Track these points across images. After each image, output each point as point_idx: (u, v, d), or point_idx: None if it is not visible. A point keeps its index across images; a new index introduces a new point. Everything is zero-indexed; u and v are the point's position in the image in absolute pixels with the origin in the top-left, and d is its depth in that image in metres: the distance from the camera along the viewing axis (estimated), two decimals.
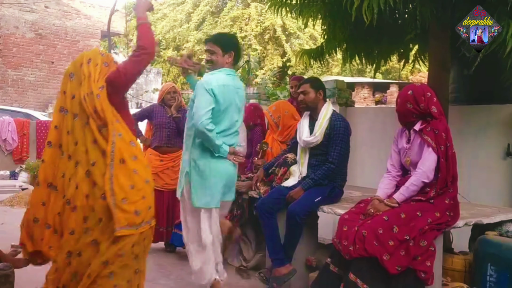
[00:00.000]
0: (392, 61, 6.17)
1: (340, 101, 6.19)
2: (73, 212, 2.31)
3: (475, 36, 3.51)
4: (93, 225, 2.30)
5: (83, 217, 2.30)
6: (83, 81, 2.38)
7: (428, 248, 2.71)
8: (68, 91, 2.42)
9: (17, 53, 14.61)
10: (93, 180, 2.31)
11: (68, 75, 2.44)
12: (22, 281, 3.34)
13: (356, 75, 19.23)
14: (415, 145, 3.00)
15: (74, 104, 2.39)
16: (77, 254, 2.29)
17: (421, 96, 2.95)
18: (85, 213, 2.30)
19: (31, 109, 13.33)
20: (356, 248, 2.73)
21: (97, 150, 2.35)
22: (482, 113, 4.96)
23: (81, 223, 2.29)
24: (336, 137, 3.50)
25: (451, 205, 2.90)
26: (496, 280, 2.98)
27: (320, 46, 5.83)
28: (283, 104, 4.44)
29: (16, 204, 6.77)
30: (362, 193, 4.09)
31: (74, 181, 2.33)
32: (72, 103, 2.39)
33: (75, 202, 2.31)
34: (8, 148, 10.03)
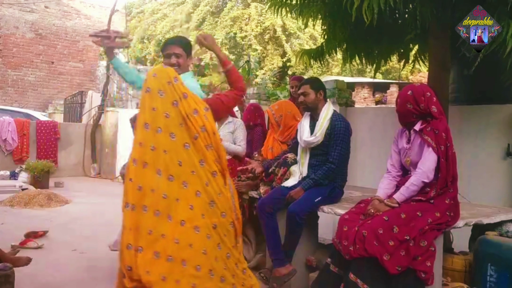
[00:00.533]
0: (392, 61, 6.17)
1: (340, 101, 6.20)
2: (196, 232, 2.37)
3: (475, 36, 3.51)
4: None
5: (206, 235, 2.40)
6: (179, 100, 2.40)
7: (428, 248, 2.71)
8: (160, 108, 2.40)
9: (17, 53, 14.62)
10: (208, 200, 2.42)
11: (157, 92, 2.43)
12: (22, 281, 3.34)
13: (356, 75, 19.23)
14: (415, 145, 3.00)
15: (171, 122, 2.40)
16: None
17: (421, 96, 2.95)
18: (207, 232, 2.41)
19: (31, 109, 13.34)
20: (356, 248, 2.73)
21: (206, 170, 2.43)
22: (482, 113, 4.96)
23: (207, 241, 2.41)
24: (337, 137, 3.50)
25: (451, 205, 2.90)
26: (496, 280, 2.98)
27: (320, 46, 5.83)
28: (285, 104, 4.41)
29: (16, 204, 6.76)
30: (362, 193, 4.09)
31: (186, 202, 2.36)
32: (167, 121, 2.39)
33: (194, 222, 2.37)
34: (8, 148, 10.03)
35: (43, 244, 4.60)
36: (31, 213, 6.39)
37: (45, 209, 6.72)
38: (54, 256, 4.31)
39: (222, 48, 17.62)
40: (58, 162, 10.55)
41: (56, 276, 3.71)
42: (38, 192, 7.26)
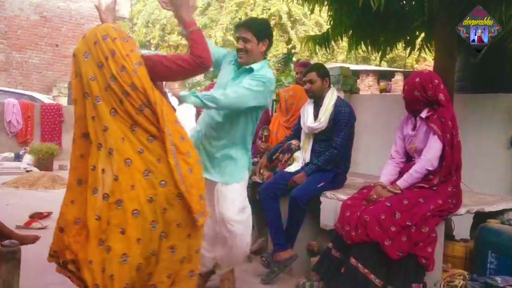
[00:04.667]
0: (398, 49, 6.14)
1: (344, 88, 6.19)
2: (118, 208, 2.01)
3: (475, 36, 3.50)
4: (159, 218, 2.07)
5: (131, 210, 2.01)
6: (106, 60, 2.09)
7: (429, 234, 2.73)
8: (84, 73, 2.13)
9: (22, 35, 14.57)
10: (142, 169, 2.06)
11: (82, 55, 2.14)
12: (28, 260, 3.38)
13: (362, 62, 19.13)
14: (421, 132, 3.00)
15: (94, 86, 2.10)
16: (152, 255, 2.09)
17: (428, 84, 2.94)
18: (134, 206, 2.02)
19: (36, 91, 13.34)
20: (358, 233, 2.75)
21: (140, 135, 2.10)
22: (487, 102, 4.95)
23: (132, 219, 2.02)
24: (341, 123, 3.50)
25: (453, 192, 2.92)
26: (497, 268, 3.00)
27: (326, 32, 5.81)
28: (300, 91, 4.21)
29: (20, 186, 6.81)
30: (365, 179, 4.10)
31: (111, 172, 2.04)
32: (92, 85, 2.10)
33: (118, 195, 2.02)
34: (13, 130, 10.06)
35: (47, 225, 4.64)
36: (35, 194, 6.44)
37: (50, 191, 6.77)
38: None
39: (227, 34, 17.55)
40: (62, 144, 10.57)
41: None
42: (42, 174, 7.31)
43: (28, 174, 7.46)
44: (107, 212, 2.02)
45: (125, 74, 2.08)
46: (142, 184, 2.05)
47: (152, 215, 2.06)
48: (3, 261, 2.14)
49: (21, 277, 2.41)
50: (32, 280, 3.17)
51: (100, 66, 2.11)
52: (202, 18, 18.97)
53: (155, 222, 2.06)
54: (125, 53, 2.12)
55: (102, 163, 2.06)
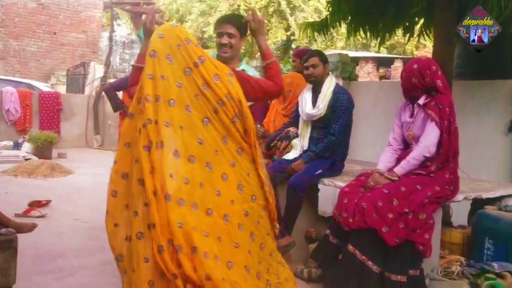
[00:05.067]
0: (397, 35, 6.10)
1: (343, 74, 6.15)
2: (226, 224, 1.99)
3: (475, 36, 3.48)
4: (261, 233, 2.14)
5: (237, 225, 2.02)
6: (195, 66, 2.03)
7: (427, 221, 2.73)
8: (167, 76, 2.00)
9: (19, 23, 14.48)
10: (236, 183, 2.05)
11: (165, 57, 2.02)
12: (25, 248, 3.40)
13: (361, 49, 19.04)
14: (419, 119, 2.99)
15: (182, 92, 2.00)
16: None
17: (426, 70, 2.92)
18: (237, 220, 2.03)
19: (34, 79, 13.28)
20: (356, 220, 2.75)
21: (231, 148, 2.07)
22: (486, 88, 4.93)
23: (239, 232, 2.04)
24: (339, 110, 3.49)
25: (451, 179, 2.92)
26: (494, 254, 3.01)
27: (325, 18, 5.75)
28: (298, 79, 4.21)
29: (19, 174, 6.82)
30: (363, 167, 4.10)
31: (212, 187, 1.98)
32: (178, 91, 2.00)
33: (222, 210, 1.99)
34: (11, 118, 10.05)
35: (46, 213, 4.66)
36: (34, 183, 6.45)
37: (49, 179, 6.78)
38: (57, 225, 4.36)
39: None
40: (61, 133, 10.57)
41: (58, 244, 3.77)
42: (41, 163, 7.31)
43: (27, 162, 7.46)
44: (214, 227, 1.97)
45: (220, 83, 2.06)
46: (238, 198, 2.08)
47: (250, 228, 2.12)
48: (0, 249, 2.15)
49: (19, 265, 2.42)
50: (30, 268, 3.19)
51: (188, 72, 2.05)
52: (201, 5, 18.84)
53: (253, 235, 2.14)
54: (215, 62, 2.12)
55: (199, 177, 1.99)
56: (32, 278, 3.05)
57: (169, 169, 1.92)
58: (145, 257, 1.88)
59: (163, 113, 1.97)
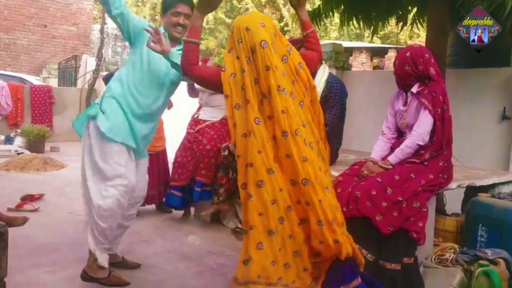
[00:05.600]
0: (391, 25, 6.09)
1: (337, 64, 6.15)
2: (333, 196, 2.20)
3: (475, 36, 3.48)
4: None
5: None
6: (288, 54, 2.16)
7: (420, 209, 2.73)
8: (279, 66, 2.10)
9: (9, 16, 14.32)
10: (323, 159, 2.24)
11: (271, 46, 2.10)
12: (18, 241, 3.38)
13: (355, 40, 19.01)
14: (412, 107, 2.97)
15: (286, 80, 2.12)
16: None
17: (419, 58, 2.91)
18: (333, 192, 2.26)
19: (25, 73, 13.17)
20: (350, 209, 2.74)
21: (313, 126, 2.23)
22: (479, 76, 4.94)
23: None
24: (332, 99, 3.48)
25: (444, 167, 2.91)
26: (487, 241, 3.03)
27: (317, 8, 5.73)
28: None
29: (12, 169, 6.77)
30: (357, 156, 4.10)
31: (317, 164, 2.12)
32: (285, 80, 2.11)
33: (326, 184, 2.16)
34: (3, 112, 9.96)
35: (39, 207, 4.63)
36: (27, 177, 6.41)
37: (41, 173, 6.74)
38: (50, 218, 4.34)
39: (219, 11, 17.33)
40: (53, 126, 10.50)
41: (51, 237, 3.76)
42: (34, 157, 7.26)
43: (19, 156, 7.40)
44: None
45: (302, 71, 2.20)
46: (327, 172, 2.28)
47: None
48: None
49: (12, 258, 2.40)
50: (24, 261, 3.17)
51: (285, 60, 2.16)
52: None
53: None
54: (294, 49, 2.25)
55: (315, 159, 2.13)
56: (26, 271, 3.04)
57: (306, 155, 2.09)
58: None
59: (287, 102, 2.09)
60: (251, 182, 2.06)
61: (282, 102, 2.06)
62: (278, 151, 2.08)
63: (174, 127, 5.49)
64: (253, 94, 2.08)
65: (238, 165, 2.14)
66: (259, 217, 2.05)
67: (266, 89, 2.08)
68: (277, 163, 2.08)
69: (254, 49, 2.09)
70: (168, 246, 3.80)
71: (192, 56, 2.29)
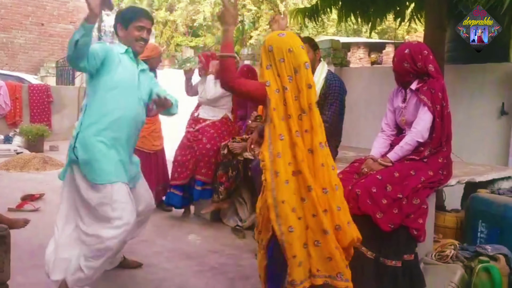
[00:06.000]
0: (388, 20, 6.10)
1: (335, 61, 6.14)
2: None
3: (475, 36, 3.47)
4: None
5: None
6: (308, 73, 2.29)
7: (420, 206, 2.73)
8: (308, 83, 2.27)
9: (6, 15, 14.26)
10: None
11: (305, 65, 2.27)
12: (19, 243, 3.38)
13: (352, 35, 18.99)
14: (411, 104, 2.98)
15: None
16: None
17: (418, 55, 2.90)
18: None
19: (23, 72, 13.13)
20: (350, 206, 2.73)
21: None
22: (478, 72, 4.94)
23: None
24: (332, 96, 3.48)
25: (444, 164, 2.92)
26: (487, 236, 3.04)
27: (315, 4, 5.72)
28: None
29: (11, 168, 6.76)
30: (357, 153, 4.11)
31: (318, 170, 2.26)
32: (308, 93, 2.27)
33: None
34: (1, 112, 9.93)
35: (39, 207, 4.63)
36: (27, 176, 6.41)
37: (41, 172, 6.74)
38: (50, 218, 4.30)
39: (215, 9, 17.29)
40: (52, 125, 10.47)
41: None
42: (33, 156, 7.26)
43: (18, 156, 7.40)
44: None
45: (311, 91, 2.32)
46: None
47: None
48: None
49: (14, 260, 2.41)
50: (26, 262, 3.18)
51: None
52: None
53: None
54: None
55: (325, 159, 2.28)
56: (28, 272, 3.05)
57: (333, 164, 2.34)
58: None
59: (319, 116, 2.32)
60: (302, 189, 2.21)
61: (318, 116, 2.28)
62: (314, 162, 2.25)
63: (172, 125, 5.48)
64: (294, 109, 2.24)
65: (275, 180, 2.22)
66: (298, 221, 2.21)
67: (306, 106, 2.24)
68: (312, 173, 2.23)
69: (297, 69, 2.25)
70: (168, 245, 3.80)
71: (234, 70, 2.33)
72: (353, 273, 2.70)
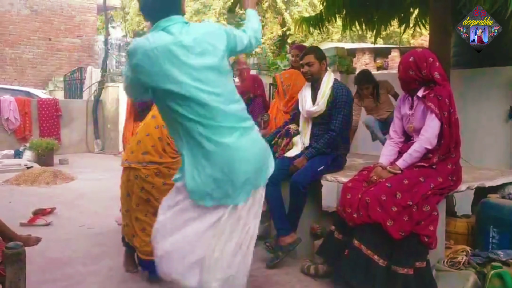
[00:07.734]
0: (393, 25, 6.10)
1: (341, 68, 6.15)
2: None
3: (475, 36, 3.48)
4: None
5: None
6: None
7: (431, 212, 2.73)
8: None
9: (13, 30, 14.45)
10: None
11: None
12: (33, 257, 3.41)
13: (357, 41, 18.99)
14: (418, 111, 2.98)
15: None
16: None
17: (423, 63, 2.91)
18: None
19: (31, 87, 13.27)
20: (360, 215, 2.76)
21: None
22: (484, 76, 4.93)
23: None
24: (339, 105, 3.49)
25: (453, 170, 2.92)
26: (499, 242, 3.02)
27: (319, 13, 5.76)
28: (296, 74, 4.26)
29: (22, 183, 6.82)
30: (365, 160, 4.11)
31: None
32: None
33: None
34: (11, 127, 10.04)
35: (51, 221, 4.67)
36: (37, 190, 6.46)
37: (51, 186, 6.79)
38: (63, 232, 4.37)
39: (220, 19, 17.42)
40: (61, 139, 10.57)
41: (65, 252, 3.78)
42: (43, 170, 7.32)
43: (29, 170, 7.46)
44: None
45: None
46: None
47: None
48: (8, 263, 2.16)
49: (27, 274, 2.43)
50: (39, 277, 3.20)
51: None
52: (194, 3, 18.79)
53: None
54: None
55: None
56: (42, 287, 3.07)
57: None
58: None
59: None
60: None
61: None
62: None
63: None
64: None
65: None
66: None
67: None
68: None
69: None
70: None
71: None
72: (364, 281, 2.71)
